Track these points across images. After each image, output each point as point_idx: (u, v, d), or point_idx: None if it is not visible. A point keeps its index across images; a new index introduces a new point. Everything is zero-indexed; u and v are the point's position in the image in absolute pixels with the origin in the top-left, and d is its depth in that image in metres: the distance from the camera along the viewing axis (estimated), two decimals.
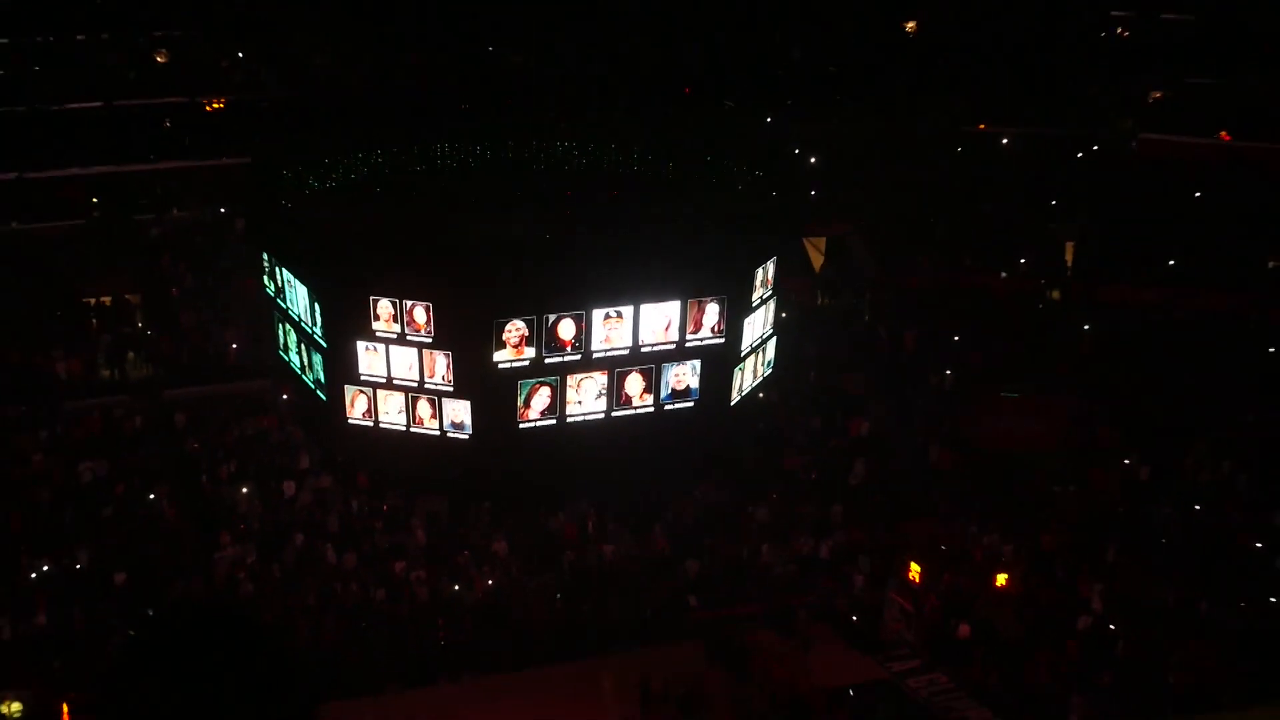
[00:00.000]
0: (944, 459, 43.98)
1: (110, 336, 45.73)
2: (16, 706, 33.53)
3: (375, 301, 34.76)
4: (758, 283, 38.05)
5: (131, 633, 35.38)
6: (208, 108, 57.27)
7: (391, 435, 36.09)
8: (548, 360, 34.77)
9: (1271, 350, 45.90)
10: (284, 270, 38.12)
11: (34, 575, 37.47)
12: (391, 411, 35.80)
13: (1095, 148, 58.53)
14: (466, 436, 35.26)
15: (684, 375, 36.24)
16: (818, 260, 51.57)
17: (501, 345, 34.37)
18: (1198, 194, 53.71)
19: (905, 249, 52.81)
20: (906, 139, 58.28)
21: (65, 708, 33.84)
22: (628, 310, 34.97)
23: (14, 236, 49.32)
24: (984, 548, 40.11)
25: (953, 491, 42.60)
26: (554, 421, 35.33)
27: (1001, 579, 38.54)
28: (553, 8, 59.42)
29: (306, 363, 37.95)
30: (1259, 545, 38.71)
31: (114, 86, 55.58)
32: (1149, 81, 59.55)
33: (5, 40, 57.42)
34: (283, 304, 38.82)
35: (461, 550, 39.89)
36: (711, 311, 36.09)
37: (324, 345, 36.05)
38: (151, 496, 40.54)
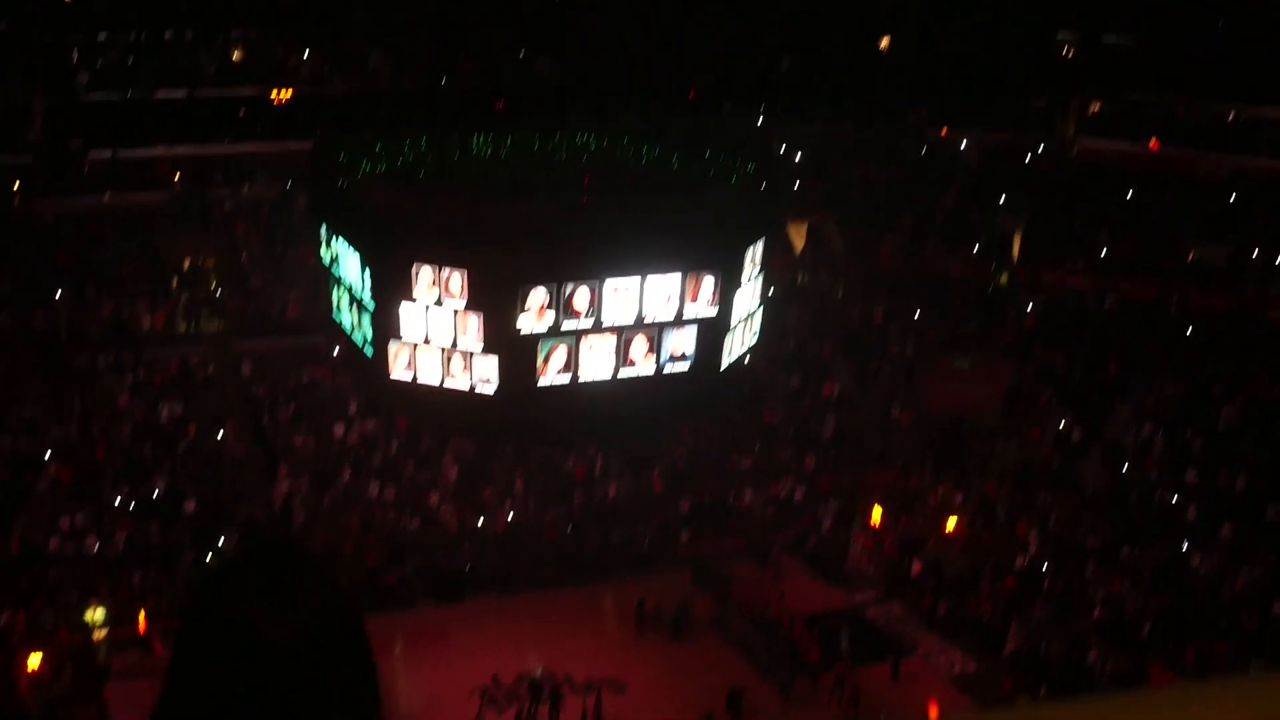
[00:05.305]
0: (903, 417, 43.62)
1: (188, 294, 45.36)
2: (100, 612, 33.31)
3: (417, 269, 34.37)
4: (748, 261, 37.58)
5: (207, 560, 35.28)
6: (276, 99, 56.67)
7: (428, 386, 35.72)
8: (565, 325, 34.37)
9: (1189, 330, 45.41)
10: (338, 240, 37.72)
11: (117, 500, 37.19)
12: (428, 365, 35.40)
13: (1041, 151, 57.96)
14: (493, 389, 34.86)
15: (682, 340, 35.81)
16: (799, 244, 51.08)
17: (525, 310, 33.98)
18: (1129, 193, 53.17)
19: (874, 236, 52.36)
20: (877, 141, 57.78)
21: (142, 614, 33.62)
22: (634, 282, 34.57)
23: (108, 207, 48.87)
24: (936, 495, 39.83)
25: (910, 446, 42.29)
26: (569, 378, 34.94)
27: (950, 522, 38.24)
28: (575, 22, 58.83)
29: (356, 321, 37.54)
30: (1173, 498, 38.37)
31: (196, 78, 54.97)
32: (1089, 95, 58.95)
33: (103, 37, 56.82)
34: (336, 270, 38.42)
35: (486, 486, 39.61)
36: (707, 285, 35.65)
37: (371, 306, 35.65)
38: (220, 434, 40.23)
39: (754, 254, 38.35)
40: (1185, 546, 36.26)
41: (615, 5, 56.99)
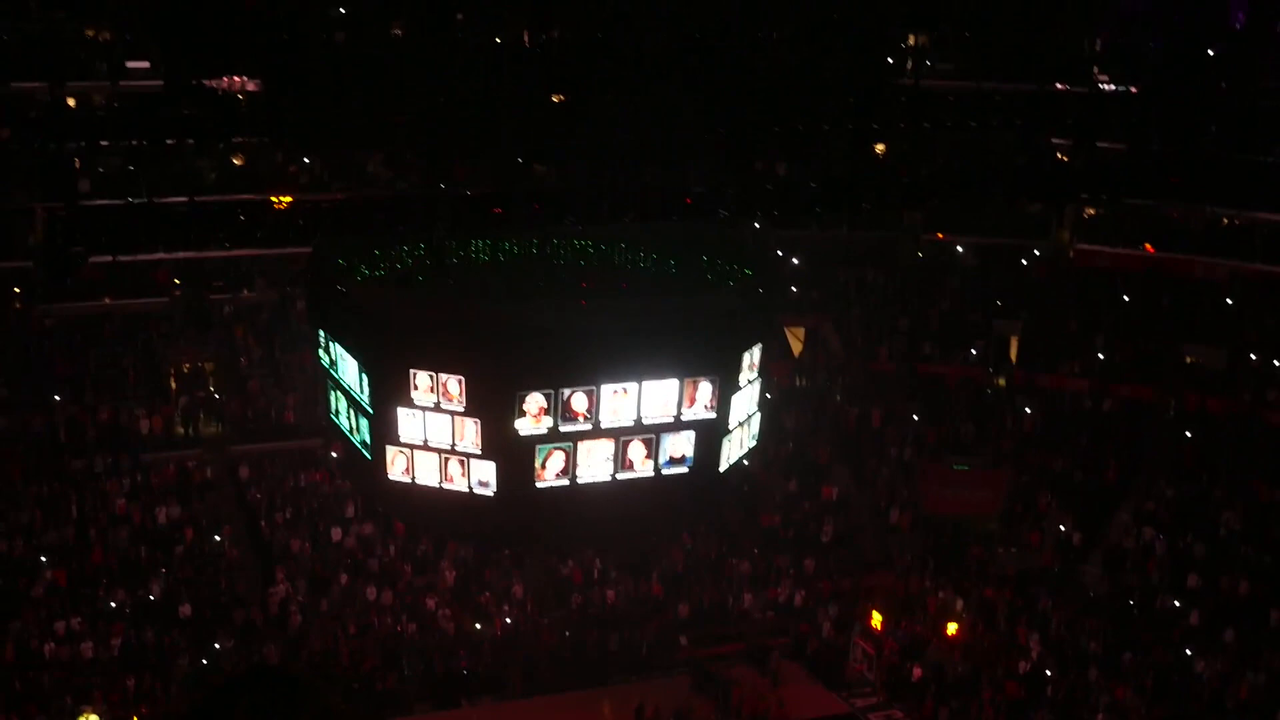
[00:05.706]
0: (902, 521, 43.69)
1: (187, 398, 45.60)
2: (94, 719, 33.14)
3: (415, 374, 34.56)
4: (745, 365, 37.79)
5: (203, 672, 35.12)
6: (276, 205, 57.23)
7: (426, 490, 35.74)
8: (563, 428, 34.52)
9: (1187, 434, 45.59)
10: (336, 345, 37.95)
11: (112, 604, 37.13)
12: (426, 469, 35.47)
13: (1037, 255, 58.51)
14: (491, 493, 34.91)
15: (680, 444, 35.93)
16: (797, 347, 51.43)
17: (523, 414, 34.13)
18: (1125, 297, 53.65)
19: (871, 339, 52.73)
20: (874, 245, 58.30)
21: None
22: (633, 386, 34.72)
23: (108, 311, 49.27)
24: (936, 599, 39.77)
25: (910, 549, 42.29)
26: (567, 482, 35.00)
27: (951, 627, 38.18)
28: (572, 130, 59.65)
29: (354, 425, 37.69)
30: (1175, 603, 38.34)
31: (197, 185, 55.58)
32: (1084, 200, 59.60)
33: (106, 143, 57.53)
34: (334, 374, 38.63)
35: (484, 591, 39.55)
36: (705, 389, 35.82)
37: (369, 411, 35.82)
38: (217, 538, 40.26)
39: (751, 358, 38.58)
40: (1188, 652, 36.18)
41: (612, 114, 57.83)
